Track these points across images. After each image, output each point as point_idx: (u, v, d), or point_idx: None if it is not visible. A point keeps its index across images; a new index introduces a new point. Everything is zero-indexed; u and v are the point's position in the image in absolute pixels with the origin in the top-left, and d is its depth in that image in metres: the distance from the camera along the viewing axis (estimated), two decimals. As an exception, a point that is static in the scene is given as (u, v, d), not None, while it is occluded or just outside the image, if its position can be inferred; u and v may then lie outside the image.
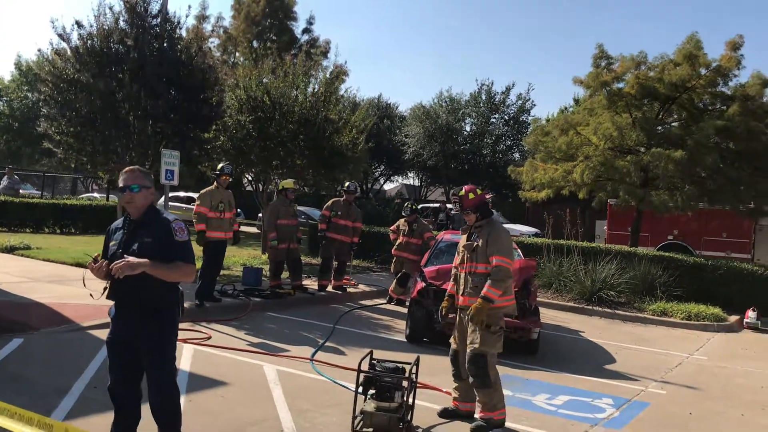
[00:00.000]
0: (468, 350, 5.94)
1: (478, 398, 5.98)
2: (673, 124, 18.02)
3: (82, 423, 4.68)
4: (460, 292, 6.20)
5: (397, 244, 13.37)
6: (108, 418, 5.22)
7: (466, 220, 6.24)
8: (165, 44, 13.90)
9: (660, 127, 17.45)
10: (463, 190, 6.21)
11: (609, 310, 13.66)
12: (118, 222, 4.52)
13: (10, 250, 14.72)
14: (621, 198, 17.11)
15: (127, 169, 4.44)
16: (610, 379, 8.35)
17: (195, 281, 10.42)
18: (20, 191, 24.96)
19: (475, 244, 6.09)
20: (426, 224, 13.76)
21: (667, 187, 16.43)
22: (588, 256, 15.23)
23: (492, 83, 40.05)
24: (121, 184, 4.36)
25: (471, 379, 5.95)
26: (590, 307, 13.86)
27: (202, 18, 39.95)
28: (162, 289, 4.29)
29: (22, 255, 14.34)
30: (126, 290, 4.25)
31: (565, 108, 37.65)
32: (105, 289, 4.36)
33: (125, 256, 4.17)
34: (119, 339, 4.36)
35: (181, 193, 30.91)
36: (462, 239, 6.33)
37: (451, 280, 6.42)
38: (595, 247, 16.24)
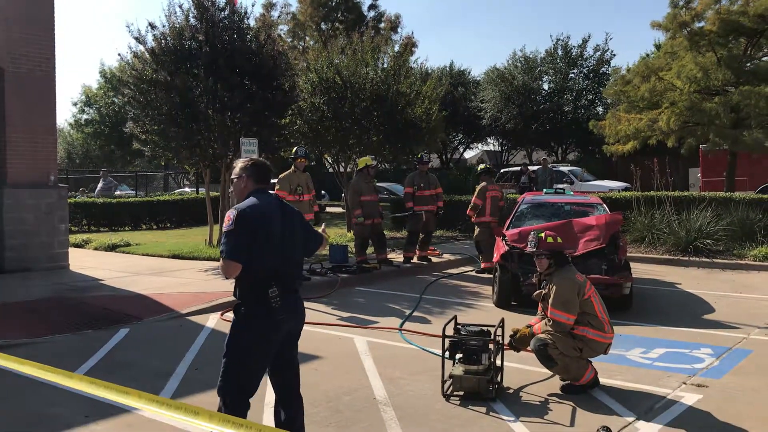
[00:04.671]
0: (537, 337, 5.88)
1: None
2: (763, 59, 16.98)
3: (188, 401, 4.96)
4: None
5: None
6: (210, 396, 5.53)
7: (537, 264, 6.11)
8: (235, 35, 14.20)
9: (749, 64, 16.49)
10: (543, 232, 6.09)
11: (706, 260, 13.15)
12: None
13: (112, 248, 15.59)
14: (711, 142, 16.34)
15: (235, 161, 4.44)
16: (709, 328, 8.07)
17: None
18: (117, 192, 26.27)
19: (543, 293, 6.01)
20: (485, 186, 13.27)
21: (760, 125, 15.56)
22: (680, 205, 14.67)
23: (568, 38, 38.95)
24: None
25: None
26: (686, 258, 13.39)
27: (269, 6, 40.46)
28: (239, 284, 4.02)
29: (123, 251, 15.16)
30: None
31: (647, 55, 36.05)
32: None
33: None
34: None
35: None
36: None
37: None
38: (687, 195, 15.61)
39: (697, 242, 13.55)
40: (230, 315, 8.72)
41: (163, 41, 13.82)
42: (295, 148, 11.40)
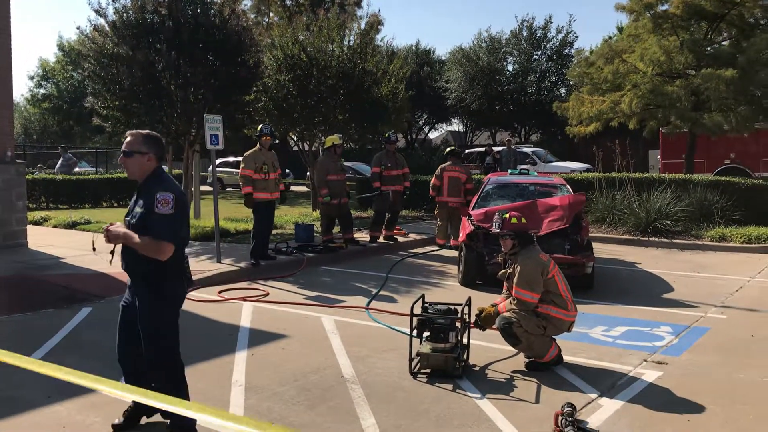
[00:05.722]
0: (502, 315, 5.96)
1: None
2: (722, 43, 17.28)
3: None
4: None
5: None
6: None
7: (501, 245, 6.17)
8: (198, 10, 13.93)
9: (709, 48, 16.77)
10: (508, 213, 6.16)
11: (665, 240, 13.44)
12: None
13: (72, 225, 15.27)
14: (672, 124, 16.62)
15: (127, 132, 4.31)
16: (669, 307, 8.27)
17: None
18: (76, 169, 25.72)
19: (508, 272, 6.08)
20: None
21: (719, 108, 15.87)
22: (641, 187, 14.94)
23: (533, 19, 39.03)
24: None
25: None
26: (646, 239, 13.66)
27: (233, -20, 39.69)
28: (146, 258, 4.09)
29: (83, 230, 14.85)
30: (123, 255, 4.29)
31: (609, 37, 36.38)
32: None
33: (129, 222, 4.22)
34: (124, 302, 4.46)
35: (231, 158, 31.44)
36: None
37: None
38: (647, 177, 15.92)
39: (657, 223, 13.82)
40: (194, 294, 8.69)
41: (124, 14, 13.49)
42: (260, 126, 11.26)
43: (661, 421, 4.79)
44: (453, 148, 13.65)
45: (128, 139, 4.23)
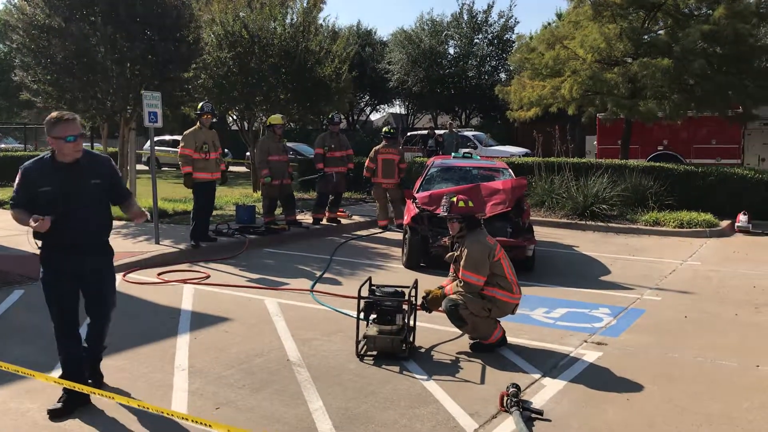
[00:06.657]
0: (448, 298, 6.01)
1: None
2: (659, 32, 17.72)
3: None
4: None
5: None
6: (111, 359, 5.34)
7: (449, 228, 6.20)
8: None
9: (646, 36, 17.16)
10: (456, 197, 6.17)
11: (602, 224, 13.77)
12: (36, 166, 4.43)
13: (0, 204, 14.62)
14: (609, 110, 16.99)
15: (67, 117, 4.35)
16: (607, 289, 8.48)
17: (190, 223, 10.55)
18: (1, 145, 24.66)
19: (455, 255, 6.10)
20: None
21: (655, 96, 16.29)
22: (579, 171, 15.26)
23: (473, 2, 39.27)
24: (65, 134, 4.27)
25: None
26: (583, 222, 13.97)
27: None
28: (110, 227, 4.69)
29: (11, 209, 14.25)
30: (79, 230, 4.41)
31: (549, 24, 36.91)
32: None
33: (82, 199, 4.41)
34: (65, 277, 4.52)
35: (167, 137, 30.67)
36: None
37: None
38: (585, 162, 16.26)
39: (594, 207, 14.14)
40: (133, 276, 8.47)
41: (56, -16, 12.89)
42: (201, 104, 10.97)
43: (602, 400, 4.92)
44: (387, 129, 13.50)
45: (76, 122, 4.37)
